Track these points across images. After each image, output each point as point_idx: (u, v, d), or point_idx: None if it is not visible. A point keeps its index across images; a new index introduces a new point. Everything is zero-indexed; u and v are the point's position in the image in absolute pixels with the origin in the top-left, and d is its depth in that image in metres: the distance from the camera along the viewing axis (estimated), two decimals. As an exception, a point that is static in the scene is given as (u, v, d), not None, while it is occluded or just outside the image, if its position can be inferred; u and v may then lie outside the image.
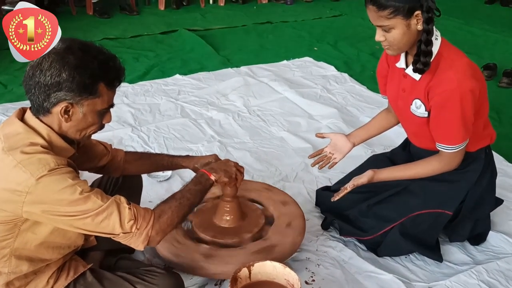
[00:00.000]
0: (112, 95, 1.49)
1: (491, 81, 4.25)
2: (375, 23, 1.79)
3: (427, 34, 1.78)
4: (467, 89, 1.79)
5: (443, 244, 2.25)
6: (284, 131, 3.32)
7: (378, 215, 2.17)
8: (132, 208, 1.46)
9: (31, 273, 1.53)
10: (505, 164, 2.93)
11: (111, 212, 1.42)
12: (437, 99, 1.85)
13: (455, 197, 2.07)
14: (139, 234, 1.46)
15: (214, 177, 1.74)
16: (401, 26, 1.76)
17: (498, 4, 7.07)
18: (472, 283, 2.05)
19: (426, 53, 1.80)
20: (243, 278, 1.78)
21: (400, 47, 1.84)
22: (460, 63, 1.83)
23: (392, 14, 1.73)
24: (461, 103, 1.80)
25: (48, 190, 1.35)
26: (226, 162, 1.89)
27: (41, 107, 1.42)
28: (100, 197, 1.42)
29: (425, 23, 1.75)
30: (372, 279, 2.07)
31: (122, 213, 1.43)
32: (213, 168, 1.79)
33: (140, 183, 2.12)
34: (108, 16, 5.88)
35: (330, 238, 2.31)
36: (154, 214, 1.50)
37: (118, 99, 3.68)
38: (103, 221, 1.41)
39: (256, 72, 4.33)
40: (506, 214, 2.47)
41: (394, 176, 2.08)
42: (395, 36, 1.78)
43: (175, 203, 1.57)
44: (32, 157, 1.35)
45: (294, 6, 6.88)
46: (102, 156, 1.87)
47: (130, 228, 1.44)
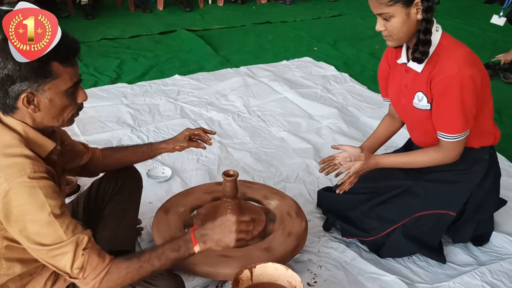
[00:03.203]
0: (72, 71, 1.39)
1: (492, 81, 4.24)
2: (376, 11, 1.81)
3: (426, 23, 1.79)
4: (467, 75, 1.79)
5: (446, 245, 2.24)
6: (284, 132, 3.31)
7: (380, 216, 2.15)
8: (85, 256, 1.36)
9: (26, 274, 1.50)
10: (507, 165, 2.92)
11: (67, 251, 1.35)
12: (438, 86, 1.85)
13: (459, 198, 2.06)
14: (85, 283, 1.38)
15: (199, 248, 1.50)
16: (400, 14, 1.78)
17: (497, 4, 7.06)
18: (475, 284, 2.03)
19: (424, 42, 1.82)
20: (245, 279, 1.77)
21: (400, 37, 1.85)
22: (461, 51, 1.84)
23: (392, 2, 1.76)
24: (461, 89, 1.80)
25: (17, 201, 1.30)
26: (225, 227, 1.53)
27: (5, 105, 1.37)
28: (65, 227, 1.34)
29: (424, 12, 1.77)
30: (374, 281, 2.06)
31: (76, 256, 1.36)
32: (205, 236, 1.52)
33: (139, 183, 2.10)
34: (92, 17, 5.82)
35: (332, 239, 2.29)
36: (107, 268, 1.39)
37: (117, 100, 3.67)
38: (57, 256, 1.35)
39: (255, 72, 4.32)
40: (509, 214, 2.46)
41: (394, 161, 2.07)
42: (395, 25, 1.80)
43: (135, 265, 1.43)
44: (10, 160, 1.32)
45: (293, 6, 6.87)
46: (83, 154, 1.85)
47: (77, 275, 1.37)
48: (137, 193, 2.08)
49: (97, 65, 4.43)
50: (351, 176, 2.09)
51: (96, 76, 4.19)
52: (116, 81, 4.09)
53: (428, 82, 1.90)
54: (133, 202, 2.05)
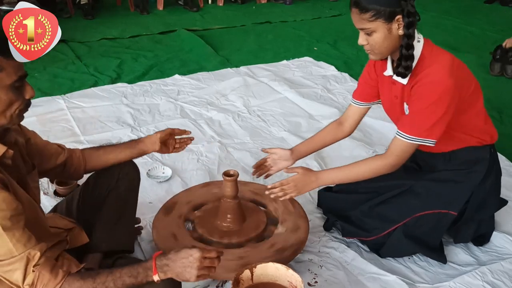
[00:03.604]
0: (16, 64, 1.35)
1: (492, 79, 4.25)
2: (358, 26, 1.83)
3: (408, 39, 1.81)
4: (446, 84, 1.80)
5: (446, 245, 2.23)
6: (285, 131, 3.31)
7: (381, 215, 2.15)
8: (36, 272, 1.33)
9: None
10: (508, 164, 2.92)
11: (17, 268, 1.32)
12: (417, 90, 1.87)
13: (460, 197, 2.06)
14: None
15: (159, 278, 1.46)
16: (382, 29, 1.79)
17: (497, 4, 7.07)
18: (476, 284, 2.03)
19: (407, 57, 1.84)
20: (245, 279, 1.77)
21: (382, 52, 1.86)
22: (443, 59, 1.84)
23: (374, 17, 1.76)
24: (438, 97, 1.81)
25: None
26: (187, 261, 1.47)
27: None
28: (15, 241, 1.31)
29: (406, 27, 1.79)
30: (375, 281, 2.06)
31: (27, 272, 1.33)
32: (166, 267, 1.47)
33: (137, 177, 2.02)
34: (92, 17, 5.82)
35: (333, 239, 2.29)
36: (59, 286, 1.36)
37: (117, 99, 3.67)
38: (8, 272, 1.33)
39: (255, 72, 4.32)
40: (510, 214, 2.45)
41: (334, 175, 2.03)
42: (377, 40, 1.82)
43: (90, 285, 1.39)
44: None
45: (293, 6, 6.87)
46: (57, 154, 1.80)
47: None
48: (135, 187, 2.02)
49: (97, 65, 4.43)
50: (285, 184, 1.99)
51: (96, 76, 4.19)
52: (116, 81, 4.09)
53: (410, 93, 1.91)
54: (131, 198, 2.00)
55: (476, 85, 1.95)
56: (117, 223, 1.91)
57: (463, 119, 1.95)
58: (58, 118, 3.38)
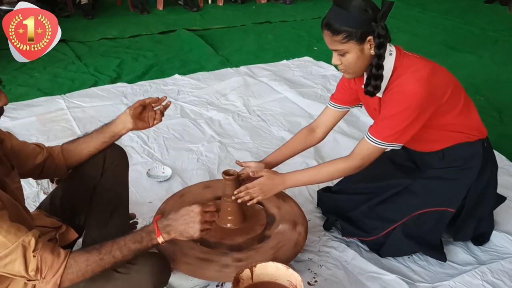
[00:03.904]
0: None
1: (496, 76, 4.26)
2: (331, 47, 1.85)
3: (378, 59, 1.83)
4: (411, 93, 1.81)
5: (446, 244, 2.23)
6: (285, 131, 3.31)
7: (380, 215, 2.16)
8: (38, 257, 1.33)
9: (4, 277, 1.45)
10: (508, 164, 2.92)
11: (15, 258, 1.32)
12: (389, 95, 1.89)
13: (457, 194, 2.07)
14: (46, 282, 1.36)
15: (163, 239, 1.50)
16: (355, 50, 1.81)
17: (497, 4, 7.07)
18: (476, 284, 2.03)
19: (376, 77, 1.86)
20: (245, 279, 1.77)
21: (356, 71, 1.89)
22: (413, 69, 1.85)
23: (346, 39, 1.79)
24: (401, 103, 1.83)
25: None
26: (189, 217, 1.52)
27: None
28: (4, 232, 1.30)
29: (377, 48, 1.80)
30: (375, 280, 2.06)
31: (28, 260, 1.33)
32: (168, 227, 1.51)
33: (125, 161, 1.97)
34: (92, 17, 5.83)
35: (332, 238, 2.29)
36: (64, 263, 1.37)
37: (117, 99, 3.68)
38: (7, 265, 1.33)
39: (255, 72, 4.32)
40: (509, 214, 2.46)
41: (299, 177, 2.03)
42: (350, 60, 1.84)
43: (95, 257, 1.41)
44: None
45: (293, 6, 6.87)
46: (35, 154, 1.76)
47: (35, 277, 1.35)
48: (123, 179, 1.96)
49: (97, 64, 4.43)
50: (251, 188, 1.99)
51: (96, 76, 4.19)
52: (116, 81, 4.09)
53: None
54: (121, 190, 1.93)
55: (454, 88, 1.94)
56: (109, 219, 1.87)
57: (445, 120, 1.96)
58: (58, 118, 3.37)
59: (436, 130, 1.98)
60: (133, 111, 1.84)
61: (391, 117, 1.86)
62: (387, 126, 1.87)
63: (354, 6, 1.76)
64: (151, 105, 1.89)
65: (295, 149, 2.26)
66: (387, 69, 1.86)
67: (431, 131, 1.97)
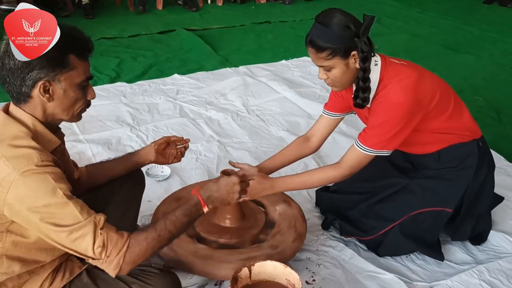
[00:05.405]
0: (85, 66, 1.45)
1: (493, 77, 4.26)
2: (316, 63, 1.88)
3: (363, 72, 1.85)
4: (397, 102, 1.83)
5: (443, 243, 2.24)
6: (284, 131, 3.32)
7: (378, 215, 2.16)
8: (104, 234, 1.38)
9: (25, 274, 1.50)
10: (506, 164, 2.92)
11: (86, 232, 1.35)
12: (372, 109, 1.92)
13: (455, 194, 2.07)
14: (109, 261, 1.39)
15: (207, 209, 1.62)
16: (340, 65, 1.83)
17: (496, 4, 7.08)
18: (473, 283, 2.04)
19: (364, 89, 1.88)
20: (243, 278, 1.77)
21: (343, 84, 1.92)
22: (398, 78, 1.86)
23: (330, 56, 1.81)
24: (388, 113, 1.85)
25: (28, 188, 1.31)
26: (230, 187, 1.72)
27: (20, 94, 1.39)
28: (79, 208, 1.35)
29: (362, 61, 1.82)
30: (373, 279, 2.06)
31: (96, 236, 1.37)
32: (211, 197, 1.65)
33: (142, 185, 2.07)
34: (92, 17, 5.83)
35: (331, 238, 2.30)
36: (127, 243, 1.41)
37: (117, 99, 3.68)
38: (77, 239, 1.36)
39: (254, 71, 4.32)
40: (507, 213, 2.47)
41: (290, 182, 2.03)
42: (336, 75, 1.86)
43: (153, 234, 1.46)
44: (17, 151, 1.33)
45: (293, 6, 6.89)
46: (74, 169, 1.83)
47: (100, 254, 1.38)
48: (139, 195, 2.06)
49: (96, 64, 4.43)
50: None
51: (96, 75, 4.19)
52: (115, 80, 4.10)
53: None
54: (134, 201, 2.02)
55: (442, 92, 1.95)
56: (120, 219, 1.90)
57: (435, 124, 1.97)
58: (57, 117, 3.38)
59: (428, 133, 2.00)
60: (158, 146, 1.97)
61: (379, 126, 1.87)
62: (376, 134, 1.88)
63: (335, 23, 1.79)
64: (175, 143, 2.03)
65: (289, 157, 2.25)
66: (373, 80, 1.88)
67: (423, 134, 1.99)
